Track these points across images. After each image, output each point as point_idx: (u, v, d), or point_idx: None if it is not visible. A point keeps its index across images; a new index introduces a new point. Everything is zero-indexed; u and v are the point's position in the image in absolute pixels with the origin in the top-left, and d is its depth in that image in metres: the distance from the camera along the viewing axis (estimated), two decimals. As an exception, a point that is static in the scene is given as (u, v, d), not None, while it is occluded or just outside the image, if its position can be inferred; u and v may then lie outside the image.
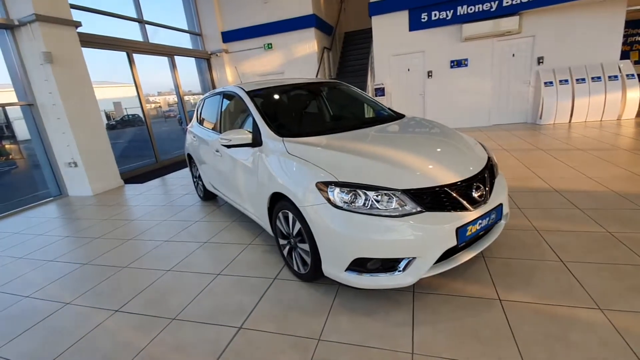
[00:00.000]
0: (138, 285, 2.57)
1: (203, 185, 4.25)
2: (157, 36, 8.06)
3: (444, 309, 1.93)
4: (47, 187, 5.92)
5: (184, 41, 9.34)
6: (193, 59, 9.53)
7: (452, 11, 7.47)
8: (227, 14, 9.39)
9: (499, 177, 2.34)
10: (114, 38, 6.61)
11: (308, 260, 2.17)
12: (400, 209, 1.84)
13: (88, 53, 5.84)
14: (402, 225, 1.80)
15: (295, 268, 2.37)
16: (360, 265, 1.88)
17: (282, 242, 2.47)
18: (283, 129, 2.67)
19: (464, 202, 1.93)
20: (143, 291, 2.48)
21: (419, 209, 1.84)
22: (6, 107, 5.61)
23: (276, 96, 3.18)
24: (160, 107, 16.99)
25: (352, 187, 1.88)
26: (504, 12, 7.08)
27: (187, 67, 9.53)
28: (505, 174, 4.22)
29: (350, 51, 10.76)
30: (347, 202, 1.86)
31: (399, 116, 3.20)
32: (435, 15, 7.69)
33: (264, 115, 2.73)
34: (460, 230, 1.87)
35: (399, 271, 1.85)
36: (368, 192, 1.86)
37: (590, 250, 2.35)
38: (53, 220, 4.56)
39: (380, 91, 8.41)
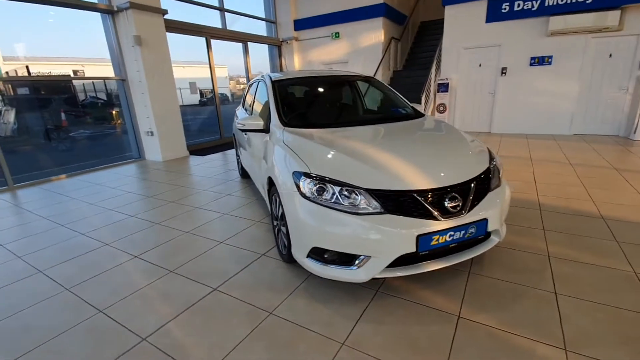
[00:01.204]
0: (159, 240, 3.05)
1: (241, 164, 4.68)
2: (234, 23, 8.76)
3: (398, 312, 1.94)
4: (131, 150, 7.09)
5: (258, 28, 9.97)
6: (265, 45, 10.13)
7: (538, 1, 6.56)
8: (301, 2, 9.69)
9: (497, 191, 2.17)
10: (196, 25, 7.43)
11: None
12: (362, 207, 1.88)
13: (171, 37, 6.71)
14: (360, 223, 1.84)
15: (280, 248, 2.57)
16: (318, 255, 1.99)
17: (274, 223, 2.68)
18: (292, 119, 2.83)
19: (433, 211, 1.87)
20: (161, 245, 2.95)
21: (380, 210, 1.86)
22: (107, 80, 6.81)
23: (297, 87, 3.34)
24: (230, 89, 18.53)
25: (321, 180, 1.97)
26: (602, 4, 5.98)
27: (259, 53, 10.19)
28: (552, 191, 3.76)
29: (424, 42, 10.22)
30: (314, 194, 1.96)
31: (418, 115, 3.10)
32: (518, 5, 6.85)
33: (278, 104, 2.93)
34: (421, 238, 1.83)
35: (354, 267, 1.91)
36: (335, 187, 1.94)
37: (599, 288, 2.05)
38: (126, 178, 5.51)
39: (443, 87, 7.90)
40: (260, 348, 1.72)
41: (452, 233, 1.91)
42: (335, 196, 1.92)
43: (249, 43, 9.14)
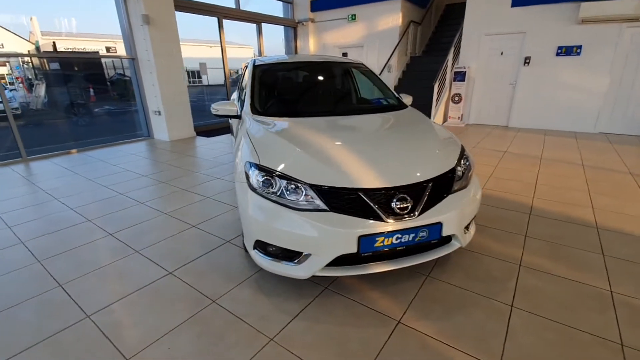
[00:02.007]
0: (138, 219, 3.14)
1: (235, 148, 4.70)
2: (249, 3, 8.63)
3: (337, 312, 1.89)
4: (140, 129, 7.29)
5: (275, 9, 9.78)
6: (281, 27, 9.95)
7: (570, -16, 5.97)
8: (319, -18, 9.38)
9: (461, 193, 2.03)
10: (206, 4, 7.38)
11: None
12: (306, 203, 1.82)
13: (181, 16, 6.72)
14: (301, 219, 1.78)
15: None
16: (262, 248, 1.96)
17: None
18: (263, 106, 2.77)
19: (379, 211, 1.78)
20: (137, 225, 3.03)
21: (323, 207, 1.79)
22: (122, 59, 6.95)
23: (279, 73, 3.24)
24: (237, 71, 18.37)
25: (268, 173, 1.92)
26: (645, -13, 5.34)
27: (274, 34, 10.04)
28: (551, 194, 3.51)
29: (448, 26, 9.64)
30: (260, 186, 1.92)
31: (400, 107, 2.94)
32: (549, -12, 6.27)
33: (254, 90, 2.86)
34: (363, 239, 1.75)
35: (295, 263, 1.87)
36: (281, 181, 1.88)
37: (562, 305, 1.90)
38: (130, 156, 5.69)
39: (459, 76, 7.47)
40: (192, 335, 1.74)
41: (399, 236, 1.81)
42: (281, 190, 1.87)
43: (263, 24, 9.01)
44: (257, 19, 8.81)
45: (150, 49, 6.19)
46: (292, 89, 3.24)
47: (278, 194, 1.87)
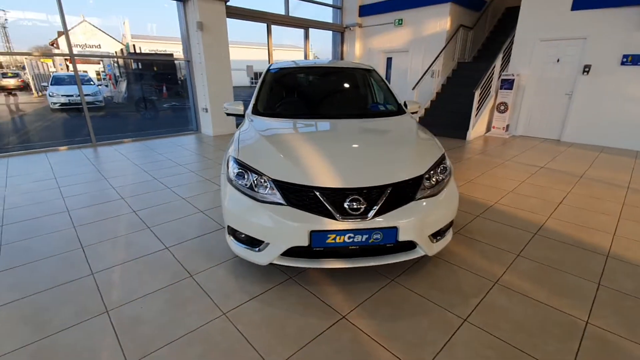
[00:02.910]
0: (160, 201, 3.59)
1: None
2: (298, 9, 9.03)
3: (290, 299, 2.03)
4: (191, 124, 8.09)
5: (323, 14, 10.06)
6: (329, 31, 10.20)
7: (643, -16, 5.26)
8: (369, -13, 9.45)
9: (428, 201, 2.03)
10: (257, 11, 7.92)
11: None
12: (268, 197, 1.99)
13: (232, 22, 7.32)
14: (262, 211, 1.96)
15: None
16: (233, 234, 2.18)
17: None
18: (264, 107, 3.00)
19: (332, 210, 1.89)
20: (157, 206, 3.48)
21: (281, 201, 1.95)
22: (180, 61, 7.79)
23: (286, 77, 3.44)
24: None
25: (242, 166, 2.14)
26: None
27: (321, 39, 10.31)
28: (572, 216, 3.24)
29: (505, 31, 9.02)
30: (234, 178, 2.14)
31: (398, 113, 2.96)
32: (617, -12, 5.60)
33: (260, 92, 3.12)
34: (315, 234, 1.88)
35: (257, 250, 2.05)
36: (252, 174, 2.08)
37: (522, 328, 1.81)
38: (176, 147, 6.38)
39: (507, 83, 6.98)
40: (162, 300, 2.02)
41: (351, 235, 1.90)
42: (250, 183, 2.07)
43: (310, 29, 9.35)
44: (305, 25, 9.18)
45: (202, 53, 6.86)
46: (295, 93, 3.42)
47: (248, 186, 2.07)
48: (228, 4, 7.02)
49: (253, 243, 2.07)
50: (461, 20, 8.38)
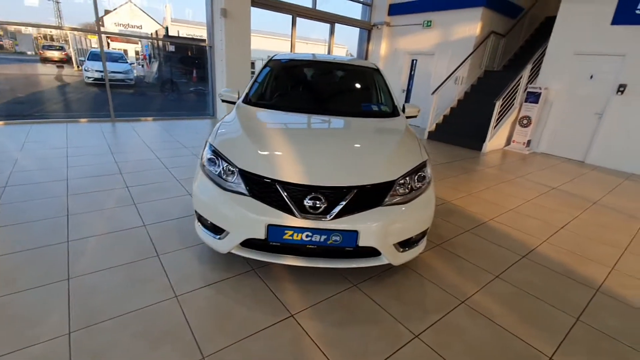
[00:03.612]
0: (154, 180, 3.68)
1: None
2: (325, 2, 8.96)
3: (245, 291, 2.01)
4: (208, 109, 8.24)
5: (352, 10, 9.91)
6: (357, 28, 10.05)
7: (695, 0, 4.78)
8: (402, -14, 9.20)
9: (394, 208, 1.95)
10: (283, 2, 7.91)
11: None
12: (234, 185, 1.98)
13: (257, 11, 7.35)
14: (225, 199, 1.95)
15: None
16: (199, 219, 2.19)
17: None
18: (255, 97, 2.99)
19: (291, 206, 1.85)
20: (151, 184, 3.56)
21: (244, 191, 1.93)
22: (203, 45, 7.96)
23: (283, 69, 3.39)
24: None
25: (214, 152, 2.13)
26: None
27: (346, 35, 10.19)
28: (570, 243, 3.05)
29: (544, 40, 8.51)
30: (206, 163, 2.14)
31: (393, 114, 2.87)
32: (666, 4, 5.13)
33: (254, 81, 3.10)
34: (272, 228, 1.85)
35: (218, 237, 2.05)
36: (222, 162, 2.07)
37: (474, 352, 1.71)
38: (188, 129, 6.53)
39: (533, 97, 6.61)
40: (123, 275, 2.07)
41: (309, 234, 1.85)
42: (220, 170, 2.06)
43: (336, 24, 9.25)
44: (331, 19, 9.08)
45: (224, 39, 6.95)
46: (288, 85, 3.37)
47: (217, 173, 2.07)
48: (254, -7, 7.06)
49: (216, 230, 2.07)
50: (493, 26, 8.00)
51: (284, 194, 1.86)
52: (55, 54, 20.20)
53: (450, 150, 6.67)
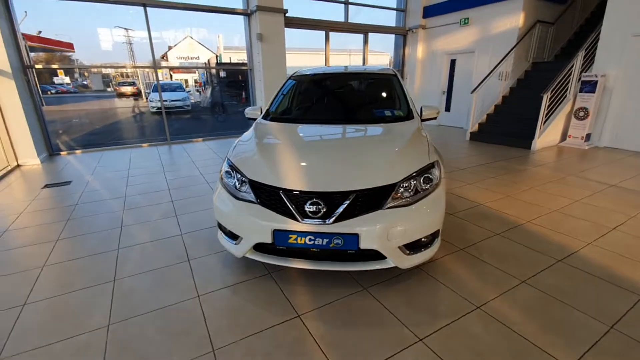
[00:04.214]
0: (195, 194, 4.07)
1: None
2: (358, 14, 9.10)
3: (258, 294, 2.16)
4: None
5: (386, 17, 9.92)
6: (392, 35, 10.02)
7: None
8: (435, -13, 9.02)
9: (396, 211, 1.97)
10: (315, 20, 8.23)
11: None
12: (245, 195, 2.17)
13: (291, 32, 7.76)
14: (238, 207, 2.15)
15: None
16: (220, 227, 2.41)
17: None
18: (275, 112, 3.20)
19: (294, 211, 1.97)
20: (192, 197, 3.95)
21: (253, 199, 2.11)
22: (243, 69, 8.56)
23: (301, 84, 3.55)
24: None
25: (231, 166, 2.35)
26: None
27: (382, 42, 10.20)
28: (623, 246, 2.76)
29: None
30: (224, 176, 2.37)
31: (407, 118, 2.87)
32: None
33: (275, 98, 3.32)
34: (277, 233, 1.99)
35: (234, 243, 2.24)
36: (236, 174, 2.28)
37: (457, 354, 1.64)
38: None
39: (588, 86, 5.96)
40: (157, 277, 2.35)
41: (312, 237, 1.96)
42: (235, 182, 2.27)
43: (370, 33, 9.33)
44: (364, 30, 9.19)
45: (261, 61, 7.45)
46: (302, 99, 3.52)
47: (233, 185, 2.28)
48: (287, 15, 7.48)
49: (232, 236, 2.27)
50: (539, 15, 7.43)
51: (287, 200, 2.00)
52: (128, 89, 23.16)
53: (495, 150, 6.27)
